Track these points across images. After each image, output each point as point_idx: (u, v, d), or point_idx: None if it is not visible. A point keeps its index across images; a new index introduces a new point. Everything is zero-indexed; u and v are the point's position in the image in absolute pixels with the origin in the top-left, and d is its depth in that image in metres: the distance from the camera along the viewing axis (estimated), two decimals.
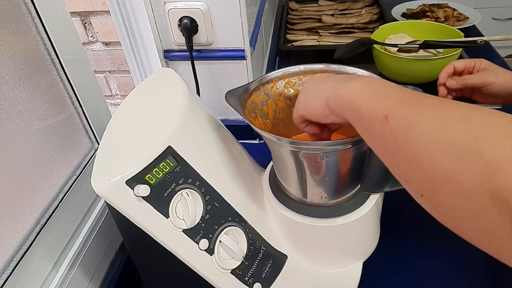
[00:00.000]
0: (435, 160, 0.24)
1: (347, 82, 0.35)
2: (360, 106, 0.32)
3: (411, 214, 0.63)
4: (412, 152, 0.26)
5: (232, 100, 0.49)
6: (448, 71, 0.63)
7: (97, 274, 0.56)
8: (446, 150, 0.23)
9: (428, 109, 0.26)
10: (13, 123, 0.43)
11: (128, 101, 0.50)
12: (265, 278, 0.48)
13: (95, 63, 1.40)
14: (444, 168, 0.23)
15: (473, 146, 0.22)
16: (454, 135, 0.23)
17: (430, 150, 0.24)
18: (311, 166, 0.46)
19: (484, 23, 1.14)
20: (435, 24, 0.96)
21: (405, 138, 0.26)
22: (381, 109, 0.29)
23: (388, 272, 0.56)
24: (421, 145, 0.25)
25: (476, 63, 0.60)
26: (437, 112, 0.26)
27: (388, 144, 0.28)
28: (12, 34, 0.44)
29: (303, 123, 0.43)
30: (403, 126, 0.27)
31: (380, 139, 0.29)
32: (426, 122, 0.25)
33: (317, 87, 0.40)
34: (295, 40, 1.13)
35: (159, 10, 0.71)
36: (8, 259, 0.43)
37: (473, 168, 0.22)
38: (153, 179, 0.39)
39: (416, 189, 0.27)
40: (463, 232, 0.24)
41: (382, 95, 0.31)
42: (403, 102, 0.29)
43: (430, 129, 0.25)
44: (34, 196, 0.47)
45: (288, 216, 0.50)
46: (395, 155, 0.28)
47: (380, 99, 0.30)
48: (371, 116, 0.30)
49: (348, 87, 0.34)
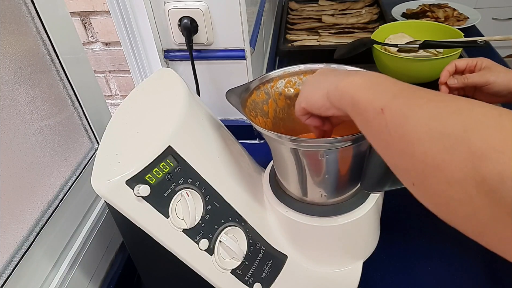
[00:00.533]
0: (426, 149, 0.25)
1: (347, 76, 0.36)
2: (358, 98, 0.33)
3: (411, 214, 0.63)
4: (405, 142, 0.27)
5: (233, 98, 0.49)
6: (450, 69, 0.63)
7: (97, 274, 0.56)
8: (437, 139, 0.24)
9: (423, 101, 0.27)
10: (13, 123, 0.43)
11: (128, 101, 0.50)
12: (265, 278, 0.48)
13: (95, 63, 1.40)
14: (434, 157, 0.24)
15: (461, 136, 0.23)
16: (445, 125, 0.24)
17: (422, 140, 0.25)
18: (311, 164, 0.46)
19: (484, 23, 1.14)
20: (435, 24, 0.96)
21: (400, 129, 0.27)
22: (378, 102, 0.30)
23: (388, 272, 0.56)
24: (413, 135, 0.26)
25: (477, 62, 0.60)
26: (431, 103, 0.26)
27: (384, 136, 0.29)
28: (12, 34, 0.44)
29: (304, 116, 0.44)
30: (398, 118, 0.28)
31: (377, 132, 0.30)
32: (420, 113, 0.26)
33: (318, 80, 0.40)
34: (295, 40, 1.13)
35: (159, 10, 0.71)
36: (8, 259, 0.43)
37: (461, 157, 0.23)
38: (153, 179, 0.39)
39: (408, 178, 0.28)
40: (450, 219, 0.25)
41: (380, 88, 0.32)
42: (400, 95, 0.29)
43: (423, 120, 0.26)
44: (34, 196, 0.47)
45: (288, 216, 0.50)
46: (390, 146, 0.29)
47: (377, 92, 0.31)
48: (369, 109, 0.31)
49: (348, 81, 0.35)
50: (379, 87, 0.32)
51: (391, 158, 0.30)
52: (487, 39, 0.80)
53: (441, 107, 0.26)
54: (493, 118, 0.23)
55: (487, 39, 0.80)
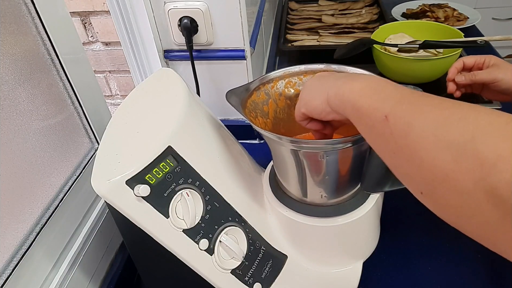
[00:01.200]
0: (434, 159, 0.25)
1: (348, 81, 0.35)
2: (360, 105, 0.32)
3: (411, 214, 0.63)
4: (411, 152, 0.26)
5: (233, 99, 0.49)
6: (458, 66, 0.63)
7: (97, 274, 0.56)
8: (444, 149, 0.24)
9: (427, 108, 0.27)
10: (13, 123, 0.43)
11: (128, 101, 0.50)
12: (265, 278, 0.48)
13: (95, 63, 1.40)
14: (442, 167, 0.24)
15: (469, 146, 0.23)
16: (451, 134, 0.24)
17: (429, 150, 0.25)
18: (311, 165, 0.46)
19: (484, 23, 1.14)
20: (435, 24, 0.96)
21: (405, 138, 0.27)
22: (381, 108, 0.30)
23: (388, 272, 0.56)
24: (420, 144, 0.26)
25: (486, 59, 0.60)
26: (436, 111, 0.26)
27: (389, 144, 0.29)
28: (12, 34, 0.44)
29: (305, 121, 0.44)
30: (403, 126, 0.27)
31: (381, 139, 0.30)
32: (424, 122, 0.26)
33: (318, 85, 0.40)
34: (295, 40, 1.13)
35: (159, 10, 0.71)
36: (8, 259, 0.43)
37: (469, 166, 0.22)
38: (153, 179, 0.39)
39: (416, 187, 0.27)
40: (462, 227, 0.25)
41: (382, 94, 0.31)
42: (403, 101, 0.29)
43: (428, 129, 0.25)
44: (34, 196, 0.47)
45: (288, 216, 0.50)
46: (395, 155, 0.28)
47: (380, 98, 0.31)
48: (371, 115, 0.31)
49: (349, 86, 0.34)
50: (381, 93, 0.31)
51: (397, 167, 0.29)
52: (487, 39, 0.80)
53: (446, 114, 0.25)
54: (500, 126, 0.23)
55: (487, 39, 0.80)
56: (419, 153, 0.26)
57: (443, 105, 0.27)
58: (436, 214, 0.26)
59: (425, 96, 0.29)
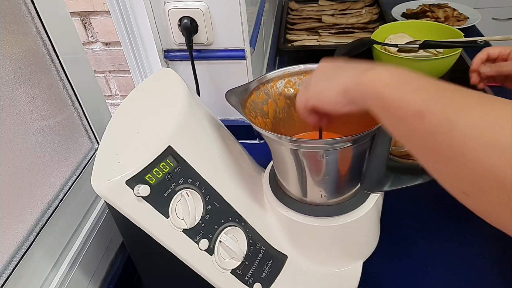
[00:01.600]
0: (481, 161, 0.23)
1: (368, 69, 0.32)
2: (387, 96, 0.29)
3: (411, 214, 0.63)
4: (454, 151, 0.25)
5: (233, 99, 0.49)
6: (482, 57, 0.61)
7: (97, 274, 0.56)
8: (494, 150, 0.23)
9: (470, 105, 0.25)
10: (13, 123, 0.43)
11: (128, 101, 0.50)
12: (265, 278, 0.48)
13: (95, 63, 1.40)
14: (491, 169, 0.23)
15: None
16: (501, 135, 0.23)
17: (476, 150, 0.23)
18: (311, 165, 0.46)
19: (484, 23, 1.14)
20: (435, 24, 0.96)
21: (446, 136, 0.25)
22: (413, 101, 0.27)
23: (388, 272, 0.56)
24: (465, 144, 0.24)
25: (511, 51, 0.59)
26: (479, 108, 0.25)
27: (424, 141, 0.27)
28: (12, 34, 0.44)
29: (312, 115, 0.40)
30: (443, 123, 0.25)
31: (413, 134, 0.28)
32: (469, 120, 0.24)
33: (330, 74, 0.37)
34: (295, 40, 1.13)
35: (159, 10, 0.71)
36: (8, 259, 0.43)
37: None
38: (153, 179, 0.39)
39: (457, 187, 0.26)
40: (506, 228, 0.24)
41: (413, 86, 0.29)
42: (438, 95, 0.27)
43: (475, 128, 0.24)
44: (34, 196, 0.47)
45: (288, 215, 0.50)
46: (432, 153, 0.27)
47: (411, 91, 0.28)
48: (402, 108, 0.28)
49: (371, 74, 0.31)
50: (412, 83, 0.29)
51: (434, 165, 0.27)
52: (487, 39, 0.80)
53: (492, 113, 0.24)
54: None
55: (487, 39, 0.80)
56: (464, 153, 0.24)
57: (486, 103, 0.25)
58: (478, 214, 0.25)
59: (460, 90, 0.27)
